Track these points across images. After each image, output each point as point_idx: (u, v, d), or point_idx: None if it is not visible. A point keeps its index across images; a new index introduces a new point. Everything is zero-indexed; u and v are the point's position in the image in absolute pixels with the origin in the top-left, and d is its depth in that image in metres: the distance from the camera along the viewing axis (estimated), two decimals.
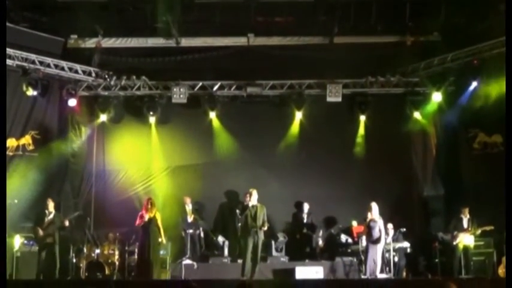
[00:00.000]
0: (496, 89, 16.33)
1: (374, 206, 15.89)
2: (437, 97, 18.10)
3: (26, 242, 16.43)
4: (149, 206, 15.31)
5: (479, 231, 16.16)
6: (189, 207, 18.01)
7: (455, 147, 18.44)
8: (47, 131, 18.55)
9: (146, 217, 15.18)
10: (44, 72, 17.92)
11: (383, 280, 15.50)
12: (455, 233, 16.32)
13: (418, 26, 18.19)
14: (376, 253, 15.58)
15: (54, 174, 18.34)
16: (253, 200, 15.06)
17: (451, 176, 18.41)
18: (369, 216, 15.79)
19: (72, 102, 18.35)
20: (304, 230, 18.13)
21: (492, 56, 16.88)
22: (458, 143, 18.37)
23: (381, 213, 15.96)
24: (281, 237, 17.96)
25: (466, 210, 16.48)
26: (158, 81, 18.96)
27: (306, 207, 18.28)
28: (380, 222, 15.79)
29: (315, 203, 18.31)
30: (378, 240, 15.62)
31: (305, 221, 18.26)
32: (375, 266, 15.49)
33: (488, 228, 16.08)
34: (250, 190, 15.25)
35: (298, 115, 18.76)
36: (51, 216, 15.84)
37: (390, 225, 17.04)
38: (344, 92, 18.47)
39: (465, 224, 16.37)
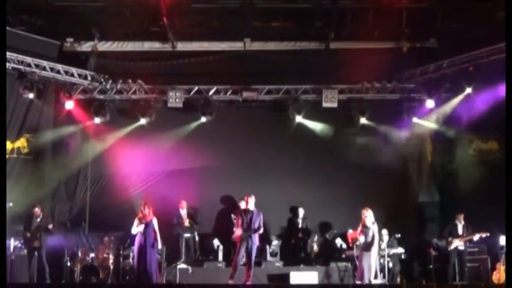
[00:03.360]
0: (492, 95, 16.37)
1: (368, 212, 15.91)
2: (433, 103, 18.11)
3: (20, 245, 16.40)
4: (146, 211, 15.25)
5: (477, 237, 16.16)
6: (184, 211, 18.01)
7: (450, 153, 18.44)
8: (42, 134, 18.47)
9: (143, 221, 15.10)
10: (39, 75, 17.88)
11: (377, 286, 15.52)
12: (450, 239, 16.35)
13: (414, 32, 18.25)
14: (370, 259, 15.59)
15: (49, 178, 18.30)
16: (250, 205, 15.07)
17: (447, 182, 18.44)
18: (363, 221, 15.82)
19: (69, 105, 18.35)
20: (299, 235, 18.15)
21: (488, 62, 16.92)
22: (453, 149, 18.37)
23: (376, 219, 15.96)
24: (275, 240, 17.94)
25: (461, 217, 16.49)
26: (154, 85, 18.92)
27: (301, 212, 18.30)
28: (373, 228, 15.81)
29: (311, 208, 18.34)
30: (370, 246, 15.66)
31: (300, 226, 18.27)
32: (369, 272, 15.50)
33: (484, 234, 16.10)
34: (248, 195, 15.24)
35: (296, 119, 18.74)
36: (38, 219, 15.85)
37: (385, 231, 17.04)
38: (340, 97, 18.45)
39: (460, 230, 16.39)
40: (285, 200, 18.49)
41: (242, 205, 16.81)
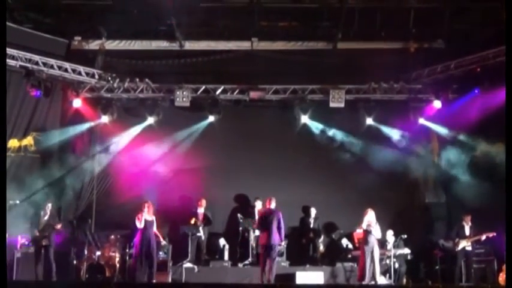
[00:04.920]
0: (498, 97, 16.32)
1: (370, 212, 15.95)
2: (440, 104, 18.09)
3: (26, 243, 16.43)
4: (146, 209, 15.30)
5: (483, 238, 16.19)
6: (201, 210, 18.01)
7: (457, 154, 18.37)
8: (50, 132, 18.52)
9: (143, 220, 15.17)
10: (47, 73, 17.91)
11: (383, 286, 15.54)
12: (457, 240, 16.36)
13: (422, 33, 18.23)
14: (374, 259, 15.65)
15: (55, 176, 18.33)
16: (272, 206, 15.38)
17: (453, 183, 18.35)
18: (365, 222, 15.86)
19: (77, 103, 18.38)
20: (311, 235, 18.13)
21: (495, 63, 16.89)
22: (460, 150, 18.29)
23: (383, 220, 16.01)
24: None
25: (468, 218, 16.54)
26: (161, 84, 18.94)
27: (313, 212, 18.29)
28: (376, 228, 15.87)
29: (317, 208, 18.31)
30: (373, 246, 15.73)
31: (311, 225, 18.26)
32: (374, 272, 15.56)
33: (491, 234, 16.12)
34: (270, 197, 15.62)
35: (303, 119, 18.76)
36: (46, 217, 15.87)
37: (391, 232, 17.06)
38: (347, 97, 18.45)
39: (467, 231, 16.42)
40: (291, 200, 18.32)
41: (258, 205, 17.02)
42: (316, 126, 19.05)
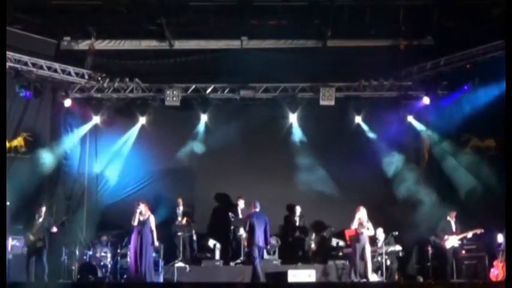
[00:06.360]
0: (489, 93, 16.36)
1: (362, 209, 15.97)
2: (429, 101, 18.11)
3: (17, 244, 16.38)
4: (142, 209, 15.26)
5: (470, 235, 16.24)
6: (180, 209, 18.02)
7: (447, 151, 18.39)
8: (40, 133, 18.51)
9: (140, 219, 15.16)
10: (36, 74, 17.84)
11: (375, 283, 15.56)
12: (446, 237, 16.40)
13: (411, 30, 18.22)
14: (365, 256, 15.68)
15: (46, 177, 18.28)
16: (257, 209, 15.47)
17: (444, 179, 18.38)
18: (357, 219, 15.88)
19: (68, 103, 18.36)
20: (297, 233, 18.16)
21: (485, 60, 16.90)
22: (450, 147, 18.31)
23: (374, 217, 16.02)
24: (273, 241, 17.91)
25: (453, 214, 16.68)
26: (151, 84, 18.91)
27: (298, 210, 18.33)
28: (368, 225, 15.90)
29: (308, 206, 18.34)
30: (365, 243, 15.75)
31: (297, 224, 18.30)
32: (366, 269, 15.59)
33: (478, 231, 16.16)
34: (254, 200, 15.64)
35: (292, 118, 18.80)
36: (41, 220, 15.82)
37: (380, 229, 17.08)
38: (337, 95, 18.43)
39: (453, 227, 16.48)
40: (282, 198, 18.48)
41: (240, 204, 17.01)
42: (296, 127, 19.12)
